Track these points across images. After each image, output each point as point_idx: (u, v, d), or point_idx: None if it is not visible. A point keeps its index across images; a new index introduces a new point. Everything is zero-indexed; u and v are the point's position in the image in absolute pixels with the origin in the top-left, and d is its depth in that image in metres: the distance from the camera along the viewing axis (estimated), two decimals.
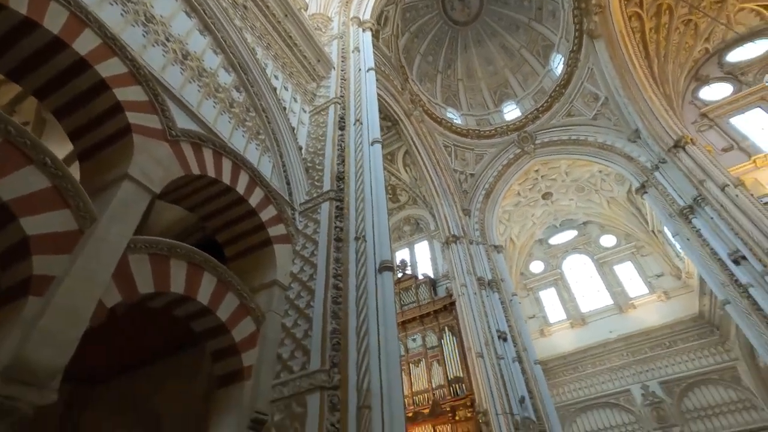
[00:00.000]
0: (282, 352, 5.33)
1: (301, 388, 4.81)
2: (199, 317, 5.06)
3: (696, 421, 18.82)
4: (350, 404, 4.59)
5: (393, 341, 5.44)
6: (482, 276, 18.59)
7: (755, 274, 13.41)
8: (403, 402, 4.92)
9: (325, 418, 4.45)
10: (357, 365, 4.91)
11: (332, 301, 5.49)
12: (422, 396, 16.81)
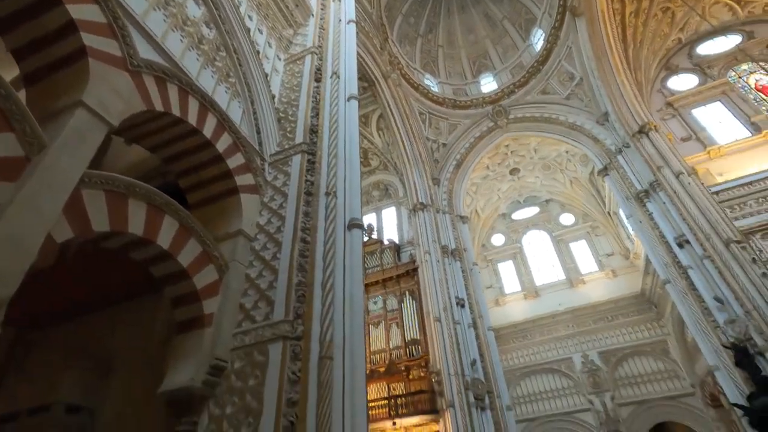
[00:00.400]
0: (245, 301, 5.26)
1: (263, 337, 4.79)
2: (159, 262, 4.86)
3: (626, 387, 20.62)
4: (312, 354, 4.63)
5: (358, 297, 5.48)
6: (446, 245, 19.01)
7: (695, 257, 14.44)
8: (364, 355, 5.02)
9: (286, 367, 4.47)
10: (321, 317, 4.93)
11: (299, 255, 5.42)
12: (379, 355, 17.36)
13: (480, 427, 14.24)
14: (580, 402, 21.00)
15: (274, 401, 4.24)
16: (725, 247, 13.77)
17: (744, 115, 17.46)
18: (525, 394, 22.15)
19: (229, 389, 4.59)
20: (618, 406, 20.26)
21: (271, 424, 4.11)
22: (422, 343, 16.86)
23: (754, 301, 12.69)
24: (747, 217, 14.78)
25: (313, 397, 4.34)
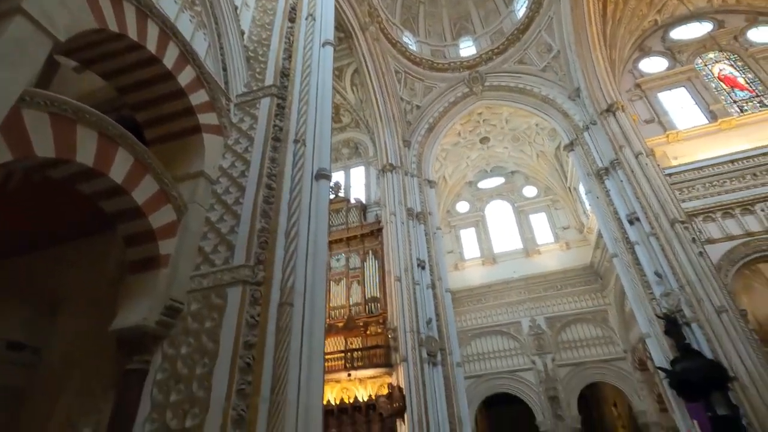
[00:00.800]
0: (204, 245, 5.10)
1: (222, 280, 4.70)
2: (111, 197, 4.57)
3: (566, 350, 22.27)
4: (272, 300, 4.61)
5: (322, 247, 5.44)
6: (412, 207, 19.18)
7: (643, 234, 15.34)
8: (324, 303, 5.05)
9: (245, 311, 4.44)
10: (283, 265, 4.88)
11: (263, 201, 5.26)
12: (339, 311, 17.70)
13: (431, 381, 15.05)
14: (523, 362, 22.55)
15: (230, 343, 4.23)
16: (670, 227, 14.69)
17: (704, 103, 18.21)
18: (474, 353, 23.48)
19: (184, 330, 4.53)
20: (557, 367, 21.94)
21: (227, 364, 4.11)
22: (381, 301, 17.29)
23: (688, 277, 13.77)
24: (693, 200, 15.74)
25: (271, 341, 4.36)
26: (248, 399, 3.96)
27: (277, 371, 4.17)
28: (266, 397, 4.04)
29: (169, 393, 4.16)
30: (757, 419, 11.38)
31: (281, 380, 4.11)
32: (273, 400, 4.00)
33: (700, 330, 13.15)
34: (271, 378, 4.15)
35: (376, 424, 15.25)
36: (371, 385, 15.78)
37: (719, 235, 14.96)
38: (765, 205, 15.00)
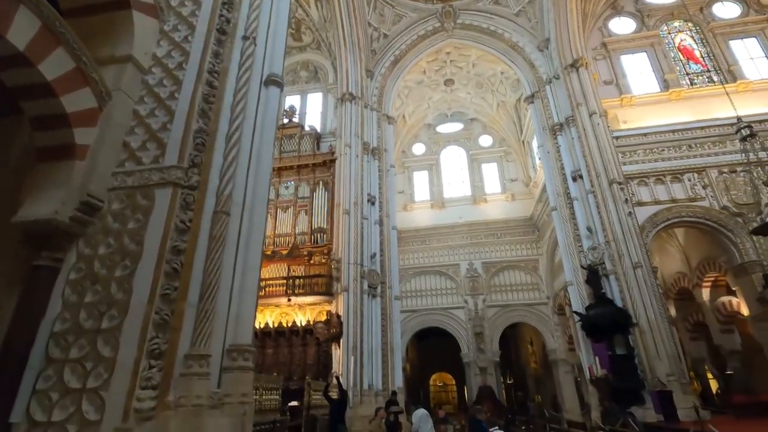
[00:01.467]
0: (131, 140, 4.53)
1: (150, 180, 4.23)
2: (10, 66, 3.82)
3: (497, 293, 23.97)
4: (207, 207, 4.26)
5: (267, 159, 5.06)
6: (368, 142, 18.71)
7: (583, 191, 16.17)
8: (265, 218, 4.79)
9: (175, 215, 4.07)
10: (221, 171, 4.48)
11: (202, 98, 4.69)
12: (284, 239, 17.48)
13: (368, 311, 15.65)
14: (457, 301, 24.07)
15: (156, 247, 3.90)
16: (608, 186, 15.56)
17: (660, 71, 18.70)
18: (413, 290, 24.64)
19: (104, 230, 4.10)
20: (487, 307, 23.69)
21: (151, 268, 3.82)
22: (328, 232, 17.24)
23: (615, 234, 14.89)
24: (632, 164, 16.62)
25: (202, 249, 4.08)
26: (173, 304, 3.74)
27: (208, 279, 3.94)
28: (193, 304, 3.84)
29: (84, 293, 3.83)
30: (647, 358, 13.08)
31: (211, 289, 3.90)
32: (201, 308, 3.82)
33: (616, 282, 14.52)
34: (201, 286, 3.92)
35: (312, 347, 15.82)
36: (310, 312, 16.15)
37: (648, 198, 16.07)
38: (692, 176, 16.18)
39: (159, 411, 3.38)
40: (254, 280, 4.36)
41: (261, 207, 4.75)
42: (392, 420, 7.70)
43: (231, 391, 3.76)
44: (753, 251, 14.60)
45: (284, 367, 15.76)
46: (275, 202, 18.29)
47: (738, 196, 15.46)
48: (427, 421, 7.06)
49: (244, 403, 3.76)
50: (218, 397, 3.67)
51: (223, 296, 4.06)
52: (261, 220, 4.68)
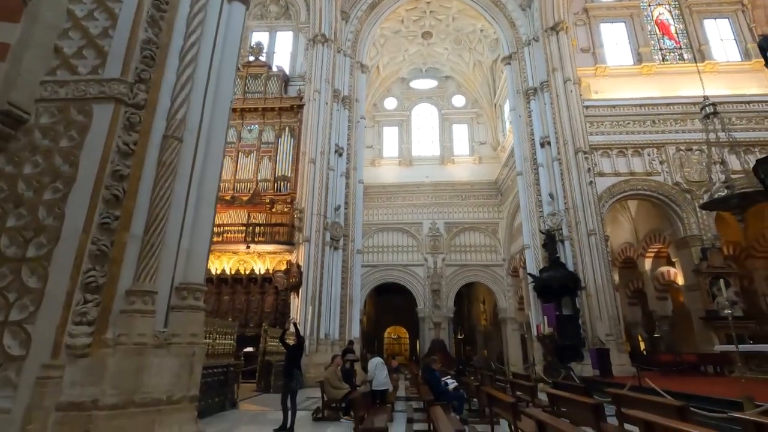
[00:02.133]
0: (64, 45, 3.86)
1: (87, 93, 3.66)
2: None
3: (456, 253, 24.55)
4: (155, 130, 3.76)
5: (227, 83, 4.53)
6: (339, 89, 17.84)
7: (549, 157, 16.39)
8: (223, 151, 4.34)
9: (117, 135, 3.56)
10: (173, 91, 3.94)
11: (152, 5, 4.04)
12: (245, 185, 16.76)
13: (329, 263, 15.56)
14: (417, 258, 24.50)
15: (94, 170, 3.42)
16: (574, 155, 15.84)
17: (636, 43, 18.75)
18: (375, 245, 24.77)
19: (30, 146, 3.55)
20: (445, 266, 24.30)
21: (88, 193, 3.36)
22: (292, 181, 16.68)
23: (574, 202, 15.34)
24: (599, 135, 16.91)
25: (149, 176, 3.63)
26: (114, 235, 3.34)
27: (155, 210, 3.54)
28: (137, 236, 3.45)
29: (5, 217, 3.34)
30: (590, 318, 13.94)
31: (159, 221, 3.51)
32: (146, 241, 3.44)
33: (570, 247, 15.13)
34: (147, 217, 3.52)
35: (271, 296, 15.69)
36: (270, 260, 15.86)
37: (609, 170, 16.54)
38: (652, 151, 16.72)
39: (95, 348, 3.07)
40: (209, 215, 3.99)
41: (219, 137, 4.29)
42: (348, 367, 7.79)
43: (179, 331, 3.49)
44: (696, 226, 15.54)
45: (241, 314, 15.61)
46: (237, 146, 17.35)
47: (690, 173, 16.20)
48: (383, 369, 7.17)
49: (193, 344, 3.52)
50: (165, 336, 3.40)
51: (173, 230, 3.69)
52: (219, 151, 4.24)
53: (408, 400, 10.00)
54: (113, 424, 2.92)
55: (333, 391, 7.00)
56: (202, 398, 7.22)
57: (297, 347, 6.66)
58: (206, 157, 4.09)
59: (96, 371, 3.02)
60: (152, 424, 3.09)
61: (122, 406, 3.01)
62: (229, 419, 7.09)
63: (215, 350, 7.75)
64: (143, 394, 3.13)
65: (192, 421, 3.33)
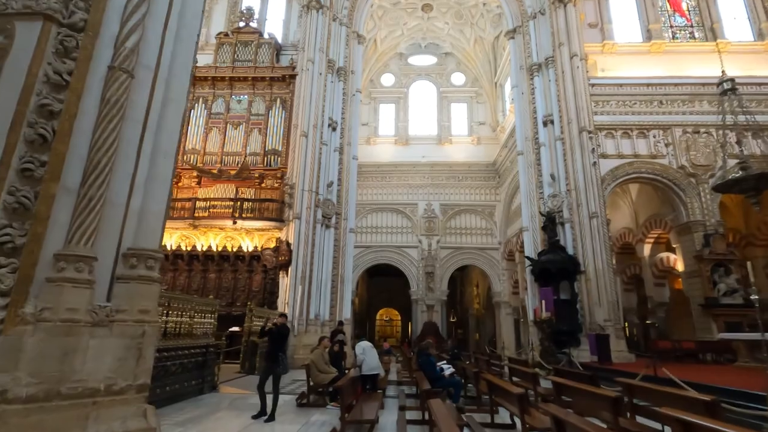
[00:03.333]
0: None
1: (7, 7, 2.89)
2: None
3: (451, 236, 24.02)
4: (98, 59, 3.03)
5: (194, 14, 3.77)
6: (334, 60, 16.89)
7: (552, 137, 15.71)
8: (187, 92, 3.61)
9: (46, 61, 2.84)
10: (123, 15, 3.19)
11: None
12: (233, 158, 15.93)
13: (321, 241, 14.92)
14: (411, 240, 23.95)
15: (13, 101, 2.71)
16: (578, 134, 15.16)
17: (645, 20, 17.91)
18: (369, 226, 24.15)
19: None
20: (440, 248, 23.79)
21: (3, 130, 2.65)
22: (283, 155, 15.87)
23: (577, 183, 14.75)
24: (603, 115, 16.22)
25: (89, 116, 2.92)
26: (39, 185, 2.66)
27: (96, 157, 2.85)
28: (72, 189, 2.77)
29: None
30: (589, 303, 13.52)
31: (100, 171, 2.83)
32: (83, 194, 2.76)
33: (570, 230, 14.59)
34: (85, 165, 2.83)
35: (259, 274, 15.07)
36: (258, 237, 15.18)
37: (613, 152, 15.92)
38: (658, 133, 16.09)
39: (9, 325, 2.42)
40: (167, 168, 3.30)
41: (182, 77, 3.56)
42: (336, 350, 7.24)
43: (126, 306, 2.85)
44: (699, 211, 15.07)
45: (227, 292, 15.02)
46: (225, 117, 16.46)
47: (696, 157, 15.63)
48: (372, 352, 6.60)
49: (143, 322, 2.88)
50: (106, 312, 2.76)
51: (121, 183, 3.00)
52: (182, 93, 3.51)
53: (399, 385, 9.53)
54: (29, 421, 2.29)
55: (319, 375, 6.45)
56: (177, 381, 6.66)
57: (281, 330, 6.05)
58: (166, 99, 3.38)
59: (9, 354, 2.38)
60: (84, 420, 2.48)
61: (43, 398, 2.38)
62: (206, 404, 6.54)
63: (193, 329, 7.14)
64: (73, 383, 2.50)
65: (139, 416, 2.71)
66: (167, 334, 6.30)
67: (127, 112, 3.09)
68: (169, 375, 6.35)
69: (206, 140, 16.10)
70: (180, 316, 6.75)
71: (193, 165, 15.52)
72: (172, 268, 15.07)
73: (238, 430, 4.97)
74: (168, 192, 3.25)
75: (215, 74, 16.57)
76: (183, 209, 14.85)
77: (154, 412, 3.12)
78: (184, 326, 6.86)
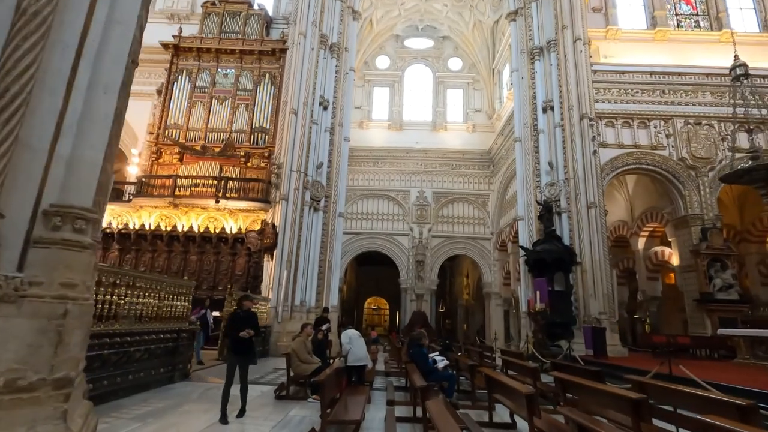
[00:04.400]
0: None
1: None
2: None
3: (443, 224, 23.50)
4: None
5: None
6: (327, 35, 16.03)
7: (552, 124, 15.16)
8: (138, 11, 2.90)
9: None
10: None
11: None
12: (218, 134, 15.09)
13: (308, 225, 14.25)
14: (402, 228, 23.38)
15: None
16: (579, 121, 14.62)
17: (651, 6, 17.34)
18: (359, 212, 23.51)
19: None
20: (431, 237, 23.28)
21: None
22: (271, 133, 15.09)
23: (576, 171, 14.25)
24: (605, 103, 15.72)
25: None
26: None
27: (3, 84, 2.17)
28: None
29: None
30: (584, 295, 13.13)
31: (9, 102, 2.15)
32: None
33: (567, 220, 14.14)
34: None
35: (243, 257, 14.37)
36: (243, 219, 14.44)
37: (612, 141, 15.45)
38: (659, 123, 15.65)
39: None
40: (109, 106, 2.61)
41: None
42: (321, 339, 6.65)
43: (43, 278, 2.20)
44: (698, 205, 14.74)
45: (209, 276, 14.32)
46: (210, 91, 15.56)
47: (697, 149, 15.25)
48: (360, 341, 6.03)
49: (65, 300, 2.24)
50: (14, 285, 2.11)
51: (43, 122, 2.33)
52: (131, 15, 2.80)
53: (388, 376, 9.02)
54: None
55: (301, 365, 5.86)
56: (143, 369, 6.02)
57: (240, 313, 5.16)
58: (110, 21, 2.68)
59: None
60: None
61: None
62: (175, 394, 5.92)
63: (161, 313, 6.49)
64: None
65: (55, 419, 2.09)
66: (131, 317, 5.65)
67: (54, 33, 2.40)
68: (133, 362, 5.72)
69: (189, 115, 15.21)
70: (146, 298, 6.09)
71: (175, 140, 14.65)
72: (151, 249, 14.31)
73: (204, 426, 4.37)
74: (108, 136, 2.58)
75: (200, 45, 15.62)
76: (163, 187, 14.04)
77: (87, 412, 2.49)
78: (150, 309, 6.21)
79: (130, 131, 15.83)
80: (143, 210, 14.18)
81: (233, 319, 5.10)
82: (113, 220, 14.18)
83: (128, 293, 5.64)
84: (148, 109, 15.93)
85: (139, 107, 15.69)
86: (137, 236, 14.14)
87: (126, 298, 5.60)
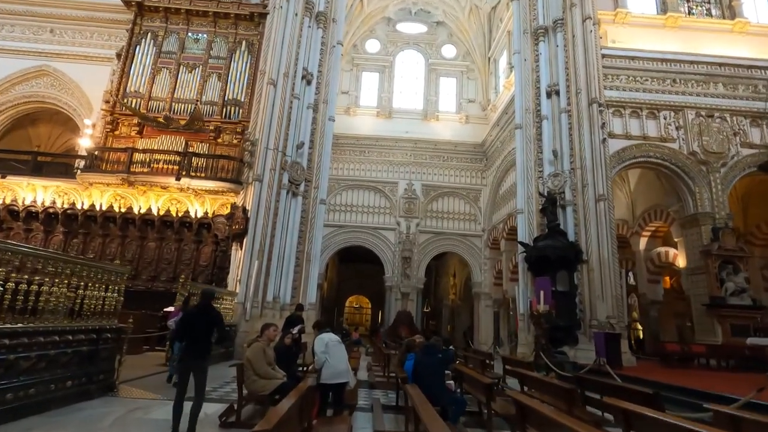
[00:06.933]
0: None
1: None
2: None
3: (432, 219, 22.07)
4: None
5: None
6: (313, 1, 14.40)
7: (556, 109, 13.84)
8: None
9: None
10: None
11: None
12: (185, 105, 13.30)
13: (286, 211, 12.58)
14: (389, 221, 21.85)
15: None
16: (587, 106, 13.33)
17: None
18: (343, 204, 21.88)
19: None
20: (419, 232, 21.80)
21: None
22: (245, 107, 13.36)
23: (583, 161, 12.94)
24: (613, 90, 14.56)
25: None
26: None
27: None
28: None
29: None
30: (590, 297, 11.84)
31: None
32: None
33: (573, 214, 12.82)
34: None
35: (209, 246, 12.61)
36: (210, 202, 12.67)
37: (620, 131, 14.28)
38: (669, 114, 14.54)
39: None
40: None
41: None
42: (288, 343, 5.05)
43: None
44: (708, 203, 13.66)
45: (169, 265, 12.51)
46: (178, 57, 13.74)
47: (708, 143, 14.18)
48: (339, 350, 4.45)
49: None
50: None
51: None
52: None
53: (372, 388, 7.46)
54: None
55: (257, 381, 4.25)
56: (36, 384, 4.32)
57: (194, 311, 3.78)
58: None
59: None
60: None
61: None
62: (82, 418, 4.25)
63: (76, 306, 4.81)
64: None
65: None
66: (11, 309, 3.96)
67: None
68: (18, 374, 4.03)
69: (153, 83, 13.36)
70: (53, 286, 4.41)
71: (134, 110, 12.77)
72: (102, 233, 12.42)
73: None
74: None
75: (169, 4, 13.78)
76: (117, 162, 12.17)
77: None
78: (57, 300, 4.52)
79: (84, 99, 13.89)
80: (93, 188, 12.28)
81: (187, 320, 3.66)
82: (58, 199, 12.25)
83: (11, 276, 3.95)
84: (107, 76, 14.00)
85: (96, 72, 13.84)
86: (86, 218, 12.23)
87: (7, 283, 3.92)
